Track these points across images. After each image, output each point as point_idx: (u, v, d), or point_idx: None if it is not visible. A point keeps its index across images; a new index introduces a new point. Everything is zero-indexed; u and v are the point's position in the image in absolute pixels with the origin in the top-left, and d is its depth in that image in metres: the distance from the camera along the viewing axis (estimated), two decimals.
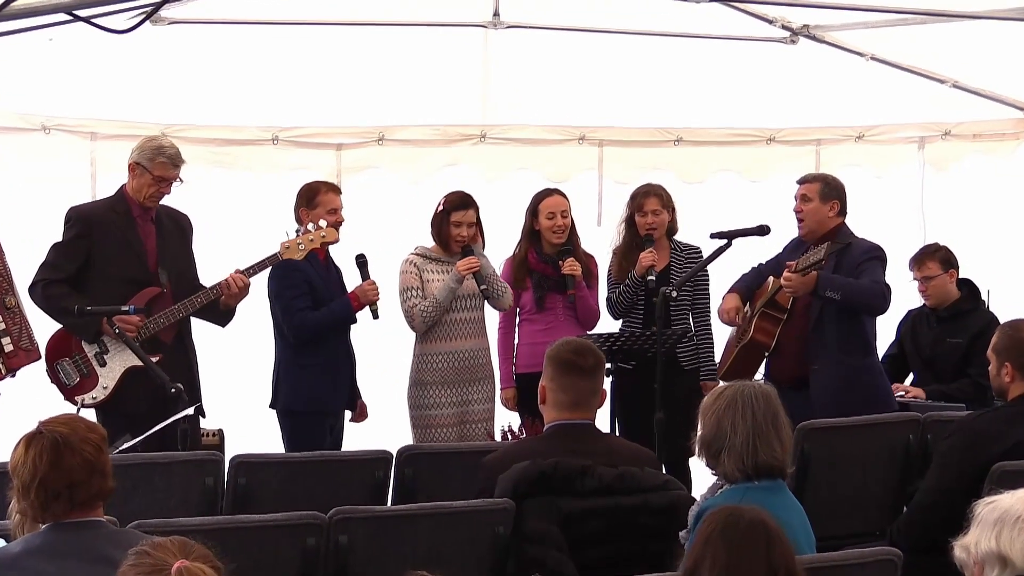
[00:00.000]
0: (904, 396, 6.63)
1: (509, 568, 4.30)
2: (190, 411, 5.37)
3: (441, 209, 6.54)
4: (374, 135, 7.66)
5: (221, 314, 6.14)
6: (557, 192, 6.87)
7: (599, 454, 4.29)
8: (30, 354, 5.87)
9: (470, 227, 6.49)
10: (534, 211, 6.82)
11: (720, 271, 6.81)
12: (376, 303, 6.29)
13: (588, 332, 6.60)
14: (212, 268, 6.22)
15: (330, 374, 6.30)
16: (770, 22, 7.53)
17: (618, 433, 6.47)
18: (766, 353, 6.50)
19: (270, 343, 6.43)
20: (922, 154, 8.56)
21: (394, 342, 6.84)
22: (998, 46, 7.36)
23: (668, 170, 7.95)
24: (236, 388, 6.91)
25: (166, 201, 6.11)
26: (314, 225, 6.14)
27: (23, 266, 5.98)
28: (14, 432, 3.37)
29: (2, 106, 6.98)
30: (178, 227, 6.21)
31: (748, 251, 6.61)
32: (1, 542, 3.45)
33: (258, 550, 4.04)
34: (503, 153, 7.89)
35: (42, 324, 5.98)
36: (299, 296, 6.21)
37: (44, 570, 3.18)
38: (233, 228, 7.22)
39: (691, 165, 8.15)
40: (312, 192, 6.37)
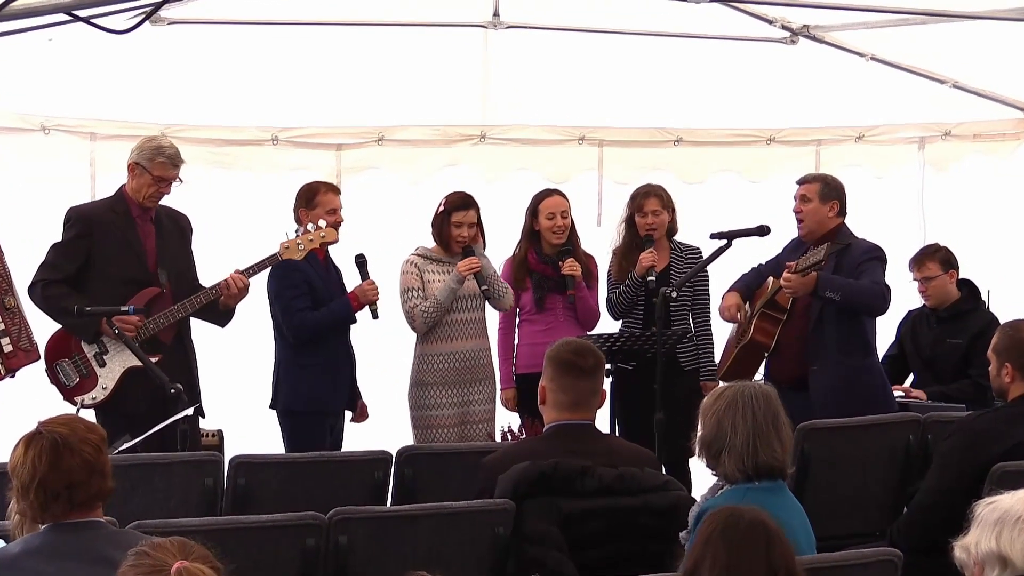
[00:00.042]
0: (904, 397, 6.62)
1: (509, 569, 4.30)
2: (189, 411, 5.37)
3: (442, 210, 6.53)
4: (374, 135, 7.66)
5: (221, 314, 6.13)
6: (557, 192, 6.87)
7: (599, 454, 4.28)
8: (29, 355, 5.86)
9: (471, 228, 6.49)
10: (534, 211, 6.82)
11: (720, 271, 6.81)
12: (376, 303, 6.28)
13: (588, 332, 6.60)
14: (212, 268, 6.22)
15: (330, 374, 6.30)
16: (770, 22, 7.53)
17: (618, 433, 6.46)
18: (766, 353, 6.50)
19: (269, 344, 6.43)
20: (922, 154, 8.55)
21: (394, 342, 6.84)
22: (998, 46, 7.36)
23: (668, 170, 7.95)
24: (235, 388, 6.91)
25: (166, 201, 6.10)
26: (313, 225, 6.14)
27: (23, 266, 5.97)
28: (14, 432, 3.36)
29: (2, 106, 6.98)
30: (178, 227, 6.20)
31: (748, 251, 6.61)
32: (0, 543, 3.45)
33: (258, 551, 4.04)
34: (503, 153, 7.89)
35: (42, 324, 5.97)
36: (299, 296, 6.21)
37: (43, 571, 3.18)
38: (233, 228, 7.22)
39: (691, 165, 8.14)
40: (311, 192, 6.37)
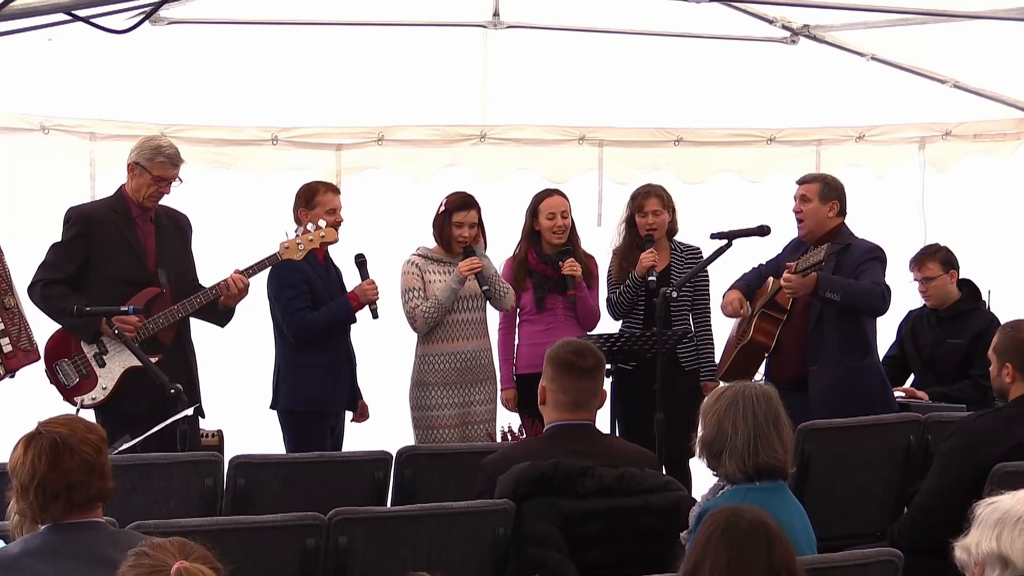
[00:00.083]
0: (906, 397, 6.61)
1: (509, 569, 4.29)
2: (189, 412, 5.37)
3: (443, 210, 6.53)
4: (374, 135, 7.65)
5: (220, 314, 6.13)
6: (557, 192, 6.86)
7: (599, 455, 4.28)
8: (29, 355, 5.85)
9: (472, 228, 6.48)
10: (534, 211, 6.81)
11: (720, 271, 6.80)
12: (375, 303, 6.28)
13: (588, 333, 6.59)
14: (212, 268, 6.21)
15: (331, 374, 6.29)
16: (770, 22, 7.53)
17: (618, 434, 6.46)
18: (766, 354, 6.49)
19: (269, 344, 6.42)
20: (923, 154, 8.55)
21: (395, 342, 6.83)
22: (999, 46, 7.36)
23: (668, 170, 7.95)
24: (235, 388, 6.90)
25: (165, 201, 6.10)
26: (313, 225, 6.13)
27: (22, 266, 5.96)
28: (13, 433, 3.36)
29: (1, 106, 6.97)
30: (177, 227, 6.19)
31: (748, 251, 6.60)
32: (0, 543, 3.44)
33: (257, 551, 4.04)
34: (503, 153, 7.88)
35: (41, 325, 5.97)
36: (298, 296, 6.21)
37: (43, 571, 3.18)
38: (233, 228, 7.21)
39: (691, 165, 8.14)
40: (311, 192, 6.37)
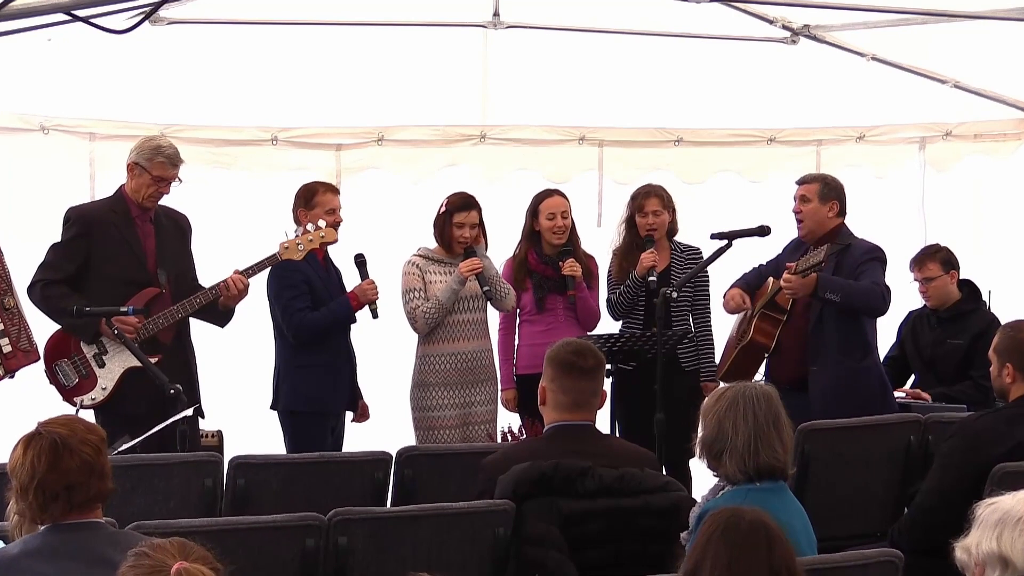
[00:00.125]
0: (905, 397, 6.61)
1: (509, 569, 4.29)
2: (189, 412, 5.36)
3: (444, 210, 6.52)
4: (374, 135, 7.65)
5: (220, 315, 6.12)
6: (557, 193, 6.86)
7: (599, 455, 4.28)
8: (29, 355, 5.84)
9: (472, 228, 6.48)
10: (534, 212, 6.81)
11: (720, 272, 6.80)
12: (375, 302, 6.27)
13: (588, 333, 6.59)
14: (212, 268, 6.21)
15: (331, 374, 6.29)
16: (771, 22, 7.53)
17: (618, 434, 6.46)
18: (766, 354, 6.49)
19: (269, 344, 6.42)
20: (923, 154, 8.54)
21: (395, 342, 6.83)
22: (999, 46, 7.35)
23: (668, 170, 7.94)
24: (235, 389, 6.90)
25: (165, 201, 6.10)
26: (313, 225, 6.13)
27: (22, 266, 5.96)
28: (13, 433, 3.36)
29: (1, 106, 6.97)
30: (177, 227, 6.19)
31: (748, 251, 6.60)
32: (0, 543, 3.44)
33: (257, 551, 4.03)
34: (503, 153, 7.87)
35: (41, 325, 5.96)
36: (298, 296, 6.20)
37: (43, 571, 3.18)
38: (232, 228, 7.21)
39: (691, 165, 8.13)
40: (310, 193, 6.37)
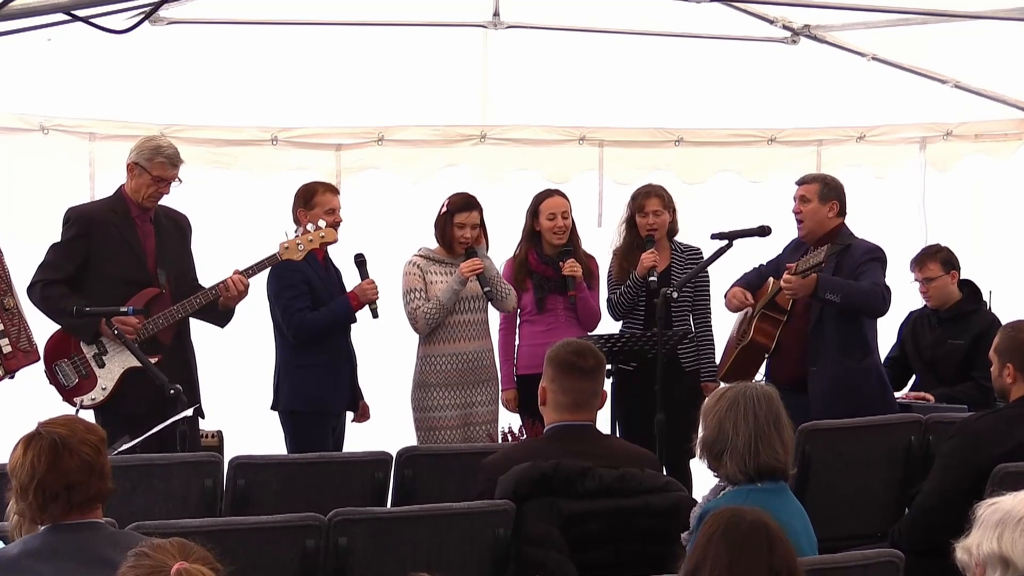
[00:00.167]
0: (906, 398, 6.61)
1: (509, 570, 4.29)
2: (189, 412, 5.36)
3: (445, 210, 6.52)
4: (374, 135, 7.65)
5: (220, 315, 6.12)
6: (558, 193, 6.85)
7: (600, 455, 4.27)
8: (29, 355, 5.84)
9: (474, 229, 6.47)
10: (534, 212, 6.80)
11: (720, 272, 6.80)
12: (375, 302, 6.27)
13: (589, 333, 6.59)
14: (211, 268, 6.21)
15: (331, 375, 6.28)
16: (771, 22, 7.52)
17: (618, 434, 6.46)
18: (766, 354, 6.49)
19: (269, 344, 6.42)
20: (923, 154, 8.54)
21: (395, 342, 6.83)
22: (999, 46, 7.35)
23: (668, 170, 7.94)
24: (235, 389, 6.89)
25: (165, 201, 6.09)
26: (313, 226, 6.12)
27: (22, 266, 5.96)
28: (13, 433, 3.36)
29: (1, 106, 6.96)
30: (177, 227, 6.19)
31: (749, 252, 6.60)
32: (0, 543, 3.44)
33: (257, 552, 4.03)
34: (503, 153, 7.87)
35: (41, 325, 5.96)
36: (298, 297, 6.20)
37: (42, 571, 3.17)
38: (232, 229, 7.21)
39: (691, 165, 8.13)
40: (309, 193, 6.36)
